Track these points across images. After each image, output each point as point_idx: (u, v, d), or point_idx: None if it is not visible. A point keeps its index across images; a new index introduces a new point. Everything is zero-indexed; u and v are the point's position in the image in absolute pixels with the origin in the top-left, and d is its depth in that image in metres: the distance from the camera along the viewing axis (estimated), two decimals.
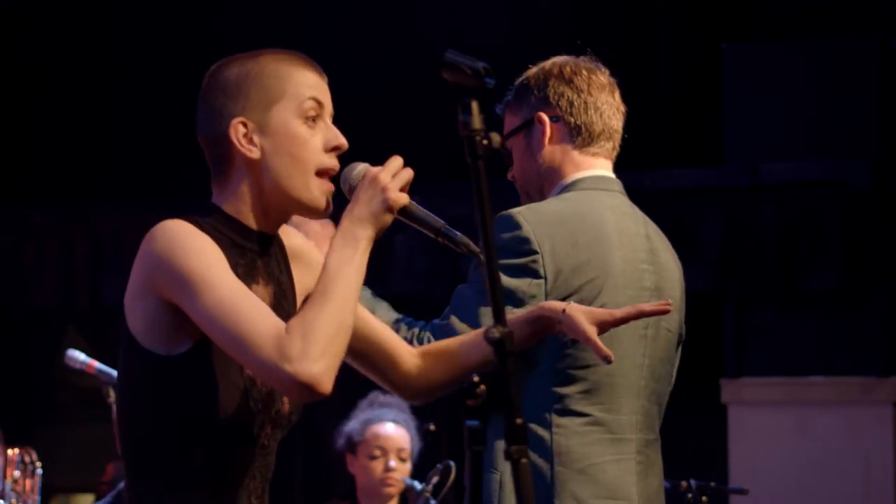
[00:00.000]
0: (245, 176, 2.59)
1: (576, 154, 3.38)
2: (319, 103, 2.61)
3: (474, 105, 2.31)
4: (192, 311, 2.44)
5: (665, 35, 7.63)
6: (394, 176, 2.53)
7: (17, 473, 4.56)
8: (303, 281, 2.72)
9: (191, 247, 2.46)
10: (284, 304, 2.65)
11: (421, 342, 3.14)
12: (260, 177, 2.58)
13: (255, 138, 2.58)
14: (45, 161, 8.45)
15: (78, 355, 5.15)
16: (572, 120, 3.37)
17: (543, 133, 3.37)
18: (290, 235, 2.76)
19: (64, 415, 8.32)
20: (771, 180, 7.04)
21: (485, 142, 2.30)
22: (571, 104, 3.37)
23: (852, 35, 7.13)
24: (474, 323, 3.13)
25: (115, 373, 5.04)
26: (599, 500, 3.20)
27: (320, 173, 2.59)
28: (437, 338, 3.13)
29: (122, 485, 4.84)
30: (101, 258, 8.02)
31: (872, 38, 7.01)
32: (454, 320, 3.19)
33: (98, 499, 5.67)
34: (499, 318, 2.26)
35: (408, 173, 2.54)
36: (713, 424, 7.10)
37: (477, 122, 2.30)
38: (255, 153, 2.57)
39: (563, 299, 3.14)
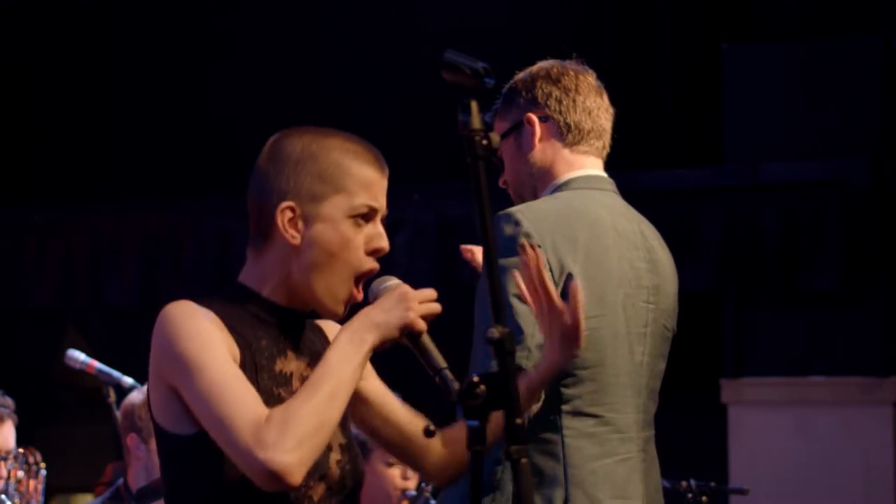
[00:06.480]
0: (280, 255, 2.58)
1: (567, 153, 3.36)
2: (373, 209, 2.59)
3: (474, 105, 2.30)
4: (186, 396, 2.46)
5: (665, 35, 7.63)
6: (422, 302, 2.51)
7: (20, 474, 4.56)
8: None
9: (185, 332, 2.47)
10: None
11: None
12: (292, 261, 2.57)
13: (300, 224, 2.56)
14: (45, 161, 8.45)
15: (78, 355, 5.16)
16: (561, 119, 3.36)
17: (533, 133, 3.36)
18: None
19: (64, 415, 8.31)
20: (771, 180, 7.04)
21: (484, 142, 2.29)
22: (560, 103, 3.36)
23: (852, 35, 7.13)
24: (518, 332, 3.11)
25: (115, 373, 5.05)
26: (612, 500, 3.19)
27: (357, 278, 2.58)
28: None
29: (120, 481, 4.84)
30: (101, 258, 8.02)
31: (873, 37, 7.01)
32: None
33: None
34: (498, 318, 2.26)
35: (435, 307, 2.52)
36: (713, 424, 7.10)
37: (476, 122, 2.30)
38: (296, 240, 2.56)
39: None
